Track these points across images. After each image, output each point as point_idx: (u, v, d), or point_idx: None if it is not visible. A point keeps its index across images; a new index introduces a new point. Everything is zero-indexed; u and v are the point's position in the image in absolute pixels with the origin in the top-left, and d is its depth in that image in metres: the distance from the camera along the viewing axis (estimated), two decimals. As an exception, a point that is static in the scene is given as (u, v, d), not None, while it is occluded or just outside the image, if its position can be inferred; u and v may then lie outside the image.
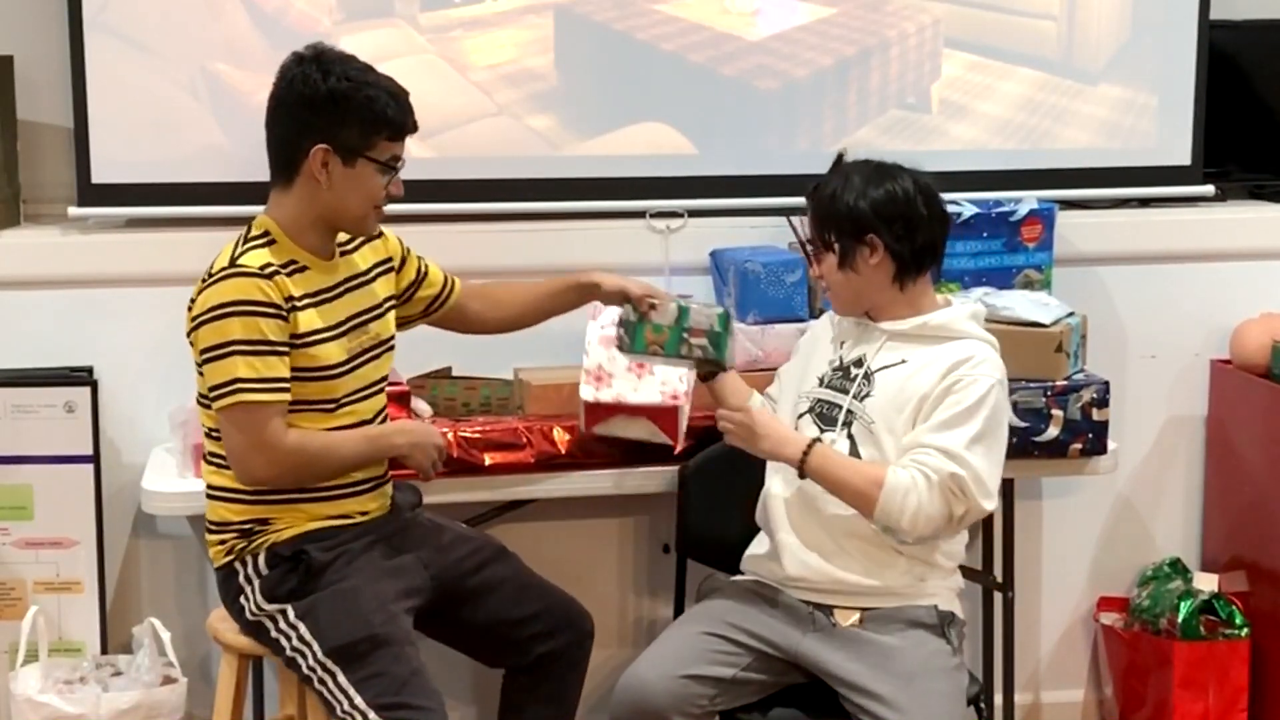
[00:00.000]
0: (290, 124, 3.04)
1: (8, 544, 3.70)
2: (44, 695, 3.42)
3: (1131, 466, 4.16)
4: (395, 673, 2.96)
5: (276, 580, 3.05)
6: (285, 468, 3.02)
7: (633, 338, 3.24)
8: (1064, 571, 4.21)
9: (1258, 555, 4.05)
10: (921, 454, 3.06)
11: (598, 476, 3.57)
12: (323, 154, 3.01)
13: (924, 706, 3.00)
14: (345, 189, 3.04)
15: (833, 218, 3.16)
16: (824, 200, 3.18)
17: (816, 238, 3.20)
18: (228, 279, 2.99)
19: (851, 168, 3.21)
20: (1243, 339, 4.07)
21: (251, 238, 3.07)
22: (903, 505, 3.03)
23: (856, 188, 3.15)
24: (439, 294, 3.38)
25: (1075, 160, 4.12)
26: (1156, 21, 4.10)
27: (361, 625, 2.99)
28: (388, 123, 3.03)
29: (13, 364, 3.72)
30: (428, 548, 3.21)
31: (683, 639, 3.17)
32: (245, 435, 2.99)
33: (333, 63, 3.03)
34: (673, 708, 3.04)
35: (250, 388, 2.96)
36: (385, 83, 3.06)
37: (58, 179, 3.85)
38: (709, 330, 3.21)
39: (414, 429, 3.20)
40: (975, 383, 3.10)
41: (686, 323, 3.21)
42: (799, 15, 3.97)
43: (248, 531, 3.08)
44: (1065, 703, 4.26)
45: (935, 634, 3.13)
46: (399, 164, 3.08)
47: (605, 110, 3.93)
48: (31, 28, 3.84)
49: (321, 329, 3.07)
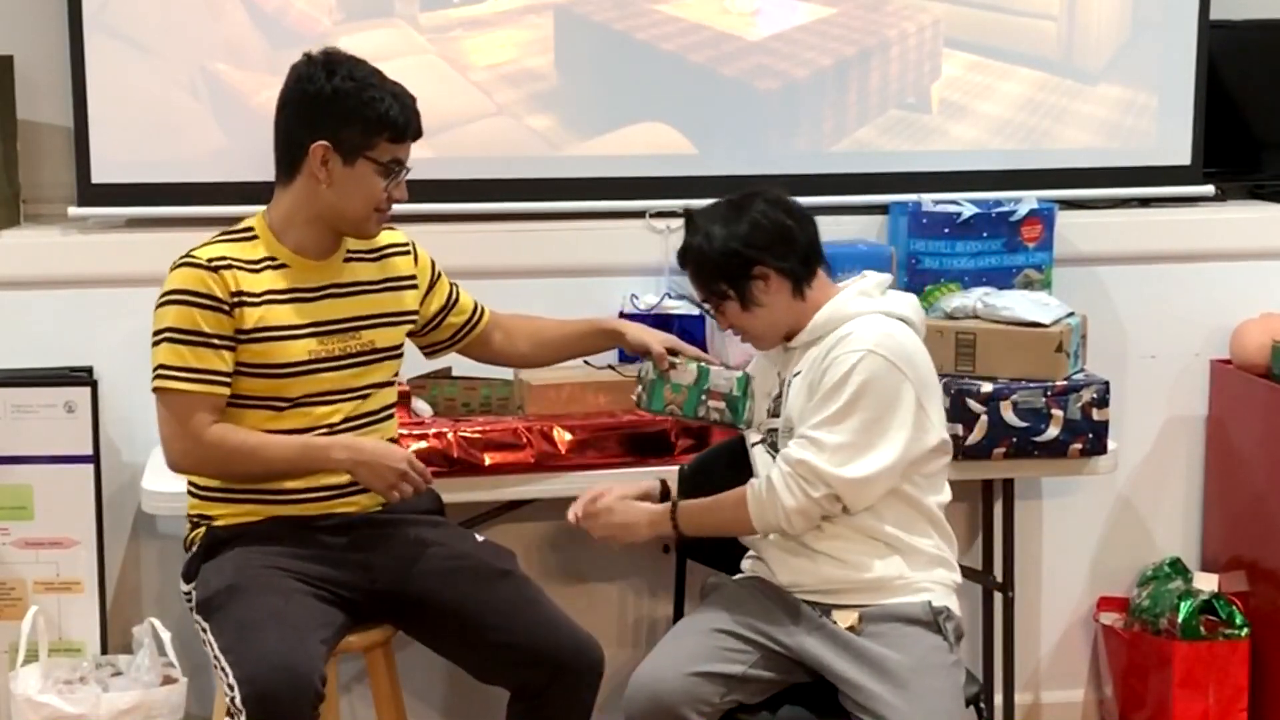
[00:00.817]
0: (294, 121, 3.07)
1: (8, 544, 3.70)
2: (44, 695, 3.42)
3: (1131, 466, 4.16)
4: (240, 616, 2.95)
5: (190, 562, 3.14)
6: (199, 459, 3.07)
7: (651, 396, 3.27)
8: (1064, 571, 4.21)
9: (1258, 555, 4.05)
10: (789, 447, 3.11)
11: (598, 476, 3.56)
12: (323, 151, 3.04)
13: (921, 705, 3.00)
14: (345, 188, 3.06)
15: (714, 270, 3.16)
16: (699, 258, 3.18)
17: (710, 295, 3.19)
18: (177, 269, 3.07)
19: (703, 217, 3.20)
20: (1243, 339, 4.07)
21: (229, 231, 3.12)
22: (773, 511, 3.09)
23: (720, 234, 3.15)
24: (468, 321, 3.39)
25: (1075, 160, 4.12)
26: (1156, 21, 4.10)
27: (225, 579, 3.02)
28: (390, 124, 3.05)
29: (13, 364, 3.72)
30: (387, 556, 3.14)
31: (694, 636, 3.17)
32: (168, 421, 3.06)
33: (340, 63, 3.07)
34: (686, 704, 3.05)
35: (172, 375, 3.02)
36: (391, 86, 3.08)
37: (58, 179, 3.86)
38: (728, 394, 3.23)
39: (364, 447, 3.09)
40: (839, 360, 3.08)
41: (706, 384, 3.25)
42: (799, 15, 3.97)
43: (195, 523, 3.18)
44: (1065, 703, 4.26)
45: (930, 630, 3.13)
46: (401, 168, 3.10)
47: (605, 110, 3.93)
48: (31, 28, 3.84)
49: (287, 325, 3.07)
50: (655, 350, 3.27)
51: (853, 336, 3.11)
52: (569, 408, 3.62)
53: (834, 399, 3.07)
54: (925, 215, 3.88)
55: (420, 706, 3.92)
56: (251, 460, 3.07)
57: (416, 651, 3.70)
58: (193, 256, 3.06)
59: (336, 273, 3.16)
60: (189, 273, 3.04)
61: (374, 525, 3.18)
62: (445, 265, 3.43)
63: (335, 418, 3.14)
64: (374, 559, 3.14)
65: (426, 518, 3.27)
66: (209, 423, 3.04)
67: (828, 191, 3.96)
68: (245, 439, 3.06)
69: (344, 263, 3.17)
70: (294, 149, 3.07)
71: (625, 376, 3.62)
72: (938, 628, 3.14)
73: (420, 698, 3.91)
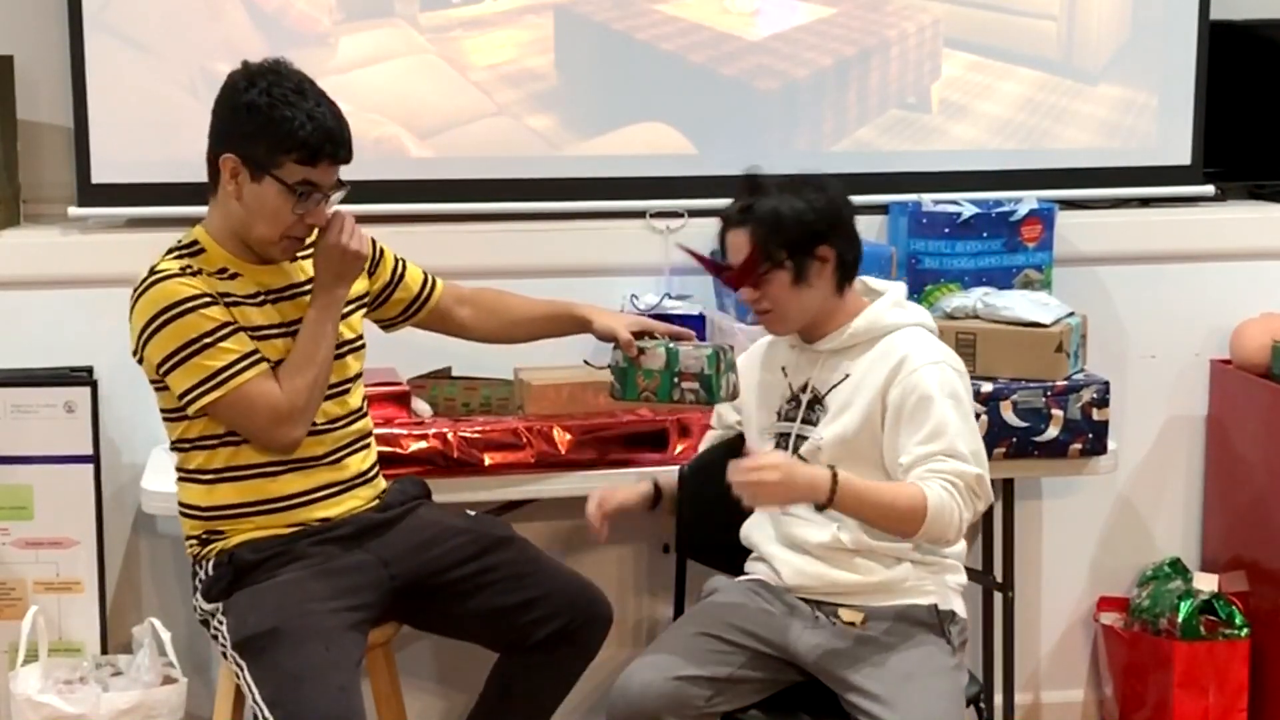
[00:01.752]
0: (212, 131, 3.04)
1: (8, 544, 3.70)
2: (44, 695, 3.42)
3: (1131, 466, 4.16)
4: (287, 668, 2.93)
5: (213, 581, 3.08)
6: (298, 415, 3.02)
7: (624, 385, 3.19)
8: (1064, 571, 4.21)
9: (1258, 555, 4.05)
10: (934, 464, 3.01)
11: (598, 476, 3.56)
12: (232, 164, 2.99)
13: (920, 705, 3.00)
14: (252, 206, 3.00)
15: (783, 233, 3.06)
16: (772, 218, 3.07)
17: (763, 257, 3.07)
18: (152, 288, 2.99)
19: (773, 182, 3.11)
20: (1243, 339, 4.07)
21: (177, 247, 3.08)
22: (949, 521, 2.99)
23: (798, 203, 3.07)
24: (417, 295, 3.34)
25: (1075, 160, 4.12)
26: (1156, 21, 4.10)
27: (266, 619, 2.98)
28: (298, 145, 2.95)
29: (13, 364, 3.72)
30: (396, 547, 3.17)
31: (678, 640, 3.16)
32: (249, 418, 3.01)
33: (263, 76, 2.99)
34: (667, 709, 3.03)
35: (210, 386, 2.97)
36: (312, 107, 2.98)
37: (58, 179, 3.86)
38: (699, 373, 3.13)
39: (323, 247, 3.06)
40: (917, 376, 3.05)
41: (676, 366, 3.15)
42: (799, 15, 3.97)
43: (204, 540, 3.12)
44: (1065, 703, 4.26)
45: (934, 633, 3.13)
46: (314, 191, 3.00)
47: (605, 110, 3.93)
48: (31, 28, 3.84)
49: (260, 326, 3.05)
50: (622, 338, 3.19)
51: (915, 353, 3.08)
52: (569, 408, 3.62)
53: (939, 414, 3.02)
54: (925, 215, 3.88)
55: (420, 707, 3.92)
56: (312, 371, 3.02)
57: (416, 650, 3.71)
58: (161, 271, 3.01)
59: (290, 273, 3.12)
60: (170, 284, 2.98)
61: (379, 523, 3.19)
62: (445, 265, 3.43)
63: (318, 419, 3.11)
64: (387, 553, 3.16)
65: (417, 503, 3.29)
66: (275, 391, 3.00)
67: (828, 191, 3.96)
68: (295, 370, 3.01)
69: (292, 263, 3.13)
70: (212, 158, 3.03)
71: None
72: (942, 631, 3.13)
73: (420, 699, 3.91)
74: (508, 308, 3.42)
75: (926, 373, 3.06)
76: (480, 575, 3.21)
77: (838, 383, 3.14)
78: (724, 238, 3.15)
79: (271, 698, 2.93)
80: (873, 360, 3.11)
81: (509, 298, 3.44)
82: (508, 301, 3.43)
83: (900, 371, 3.07)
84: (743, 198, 3.12)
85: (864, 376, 3.11)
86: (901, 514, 2.98)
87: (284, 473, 3.10)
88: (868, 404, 3.09)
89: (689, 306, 3.84)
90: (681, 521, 3.55)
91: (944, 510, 2.97)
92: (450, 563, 3.20)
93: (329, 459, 3.14)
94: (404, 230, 3.73)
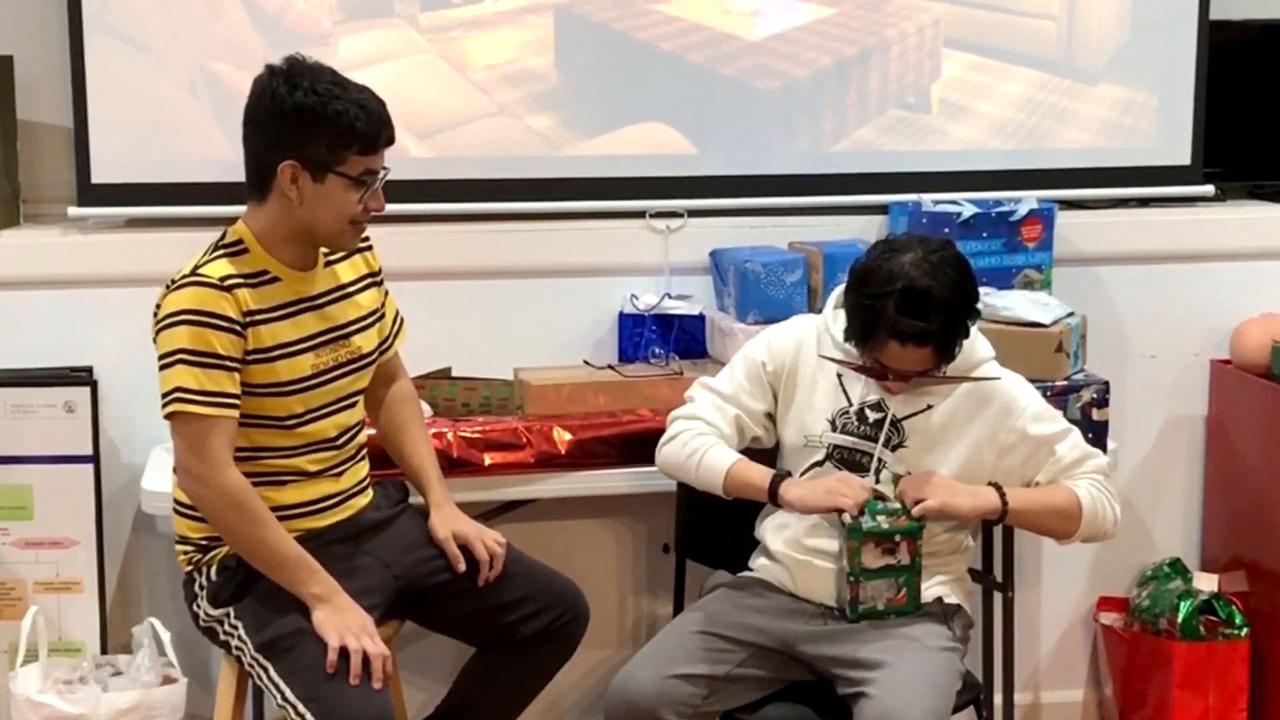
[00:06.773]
0: (260, 140, 3.00)
1: (8, 544, 3.70)
2: (44, 695, 3.42)
3: (1131, 466, 4.16)
4: (319, 665, 2.93)
5: (219, 587, 3.08)
6: (213, 495, 2.98)
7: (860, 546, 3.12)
8: (1064, 571, 4.21)
9: (1258, 555, 4.05)
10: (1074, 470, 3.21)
11: (598, 476, 3.56)
12: (292, 170, 2.97)
13: (909, 663, 3.01)
14: (317, 205, 2.99)
15: (959, 331, 3.08)
16: (949, 340, 3.05)
17: (946, 358, 3.09)
18: (186, 287, 2.97)
19: (945, 294, 3.01)
20: (1243, 339, 4.07)
21: (223, 244, 3.05)
22: (1106, 517, 3.24)
23: (969, 307, 3.08)
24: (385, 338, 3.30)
25: (1075, 160, 4.12)
26: (1156, 21, 4.10)
27: (289, 619, 2.99)
28: (357, 137, 2.96)
29: (13, 364, 3.72)
30: (393, 548, 3.20)
31: (675, 638, 3.17)
32: (184, 446, 2.99)
33: (301, 76, 2.97)
34: (663, 707, 3.04)
35: (189, 398, 2.94)
36: (357, 95, 2.98)
37: (58, 179, 3.86)
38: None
39: (342, 604, 3.00)
40: (1033, 422, 3.20)
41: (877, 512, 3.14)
42: (799, 15, 3.97)
43: (205, 547, 3.12)
44: (1065, 703, 4.26)
45: (936, 620, 3.16)
46: (374, 178, 3.02)
47: (605, 110, 3.93)
48: (31, 28, 3.84)
49: (290, 342, 3.05)
50: (438, 535, 3.20)
51: (1018, 397, 3.21)
52: (569, 408, 3.62)
53: (1054, 421, 3.24)
54: (925, 215, 3.88)
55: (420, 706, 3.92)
56: (255, 533, 2.99)
57: (417, 650, 3.71)
58: (201, 275, 2.97)
59: (323, 280, 3.13)
60: (201, 292, 2.96)
61: (374, 524, 3.22)
62: (445, 265, 3.43)
63: (332, 432, 3.14)
64: (387, 555, 3.18)
65: (402, 506, 3.32)
66: (226, 447, 2.97)
67: (828, 191, 3.97)
68: (259, 509, 2.99)
69: (324, 268, 3.14)
70: (263, 167, 3.00)
71: (625, 377, 3.62)
72: (944, 619, 3.15)
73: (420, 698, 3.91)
74: (400, 432, 3.33)
75: (1034, 409, 3.21)
76: (470, 576, 3.22)
77: (919, 411, 3.17)
78: (884, 343, 3.05)
79: (305, 694, 2.94)
80: (962, 396, 3.17)
81: (407, 431, 3.34)
82: (403, 432, 3.33)
83: (1010, 418, 3.19)
84: (910, 306, 3.00)
85: (953, 413, 3.17)
86: (1062, 514, 3.21)
87: (288, 483, 3.11)
88: (971, 449, 3.18)
89: (689, 306, 3.84)
90: (681, 521, 3.55)
91: (1096, 506, 3.21)
92: (442, 565, 3.22)
93: (332, 471, 3.16)
94: (404, 230, 3.73)
